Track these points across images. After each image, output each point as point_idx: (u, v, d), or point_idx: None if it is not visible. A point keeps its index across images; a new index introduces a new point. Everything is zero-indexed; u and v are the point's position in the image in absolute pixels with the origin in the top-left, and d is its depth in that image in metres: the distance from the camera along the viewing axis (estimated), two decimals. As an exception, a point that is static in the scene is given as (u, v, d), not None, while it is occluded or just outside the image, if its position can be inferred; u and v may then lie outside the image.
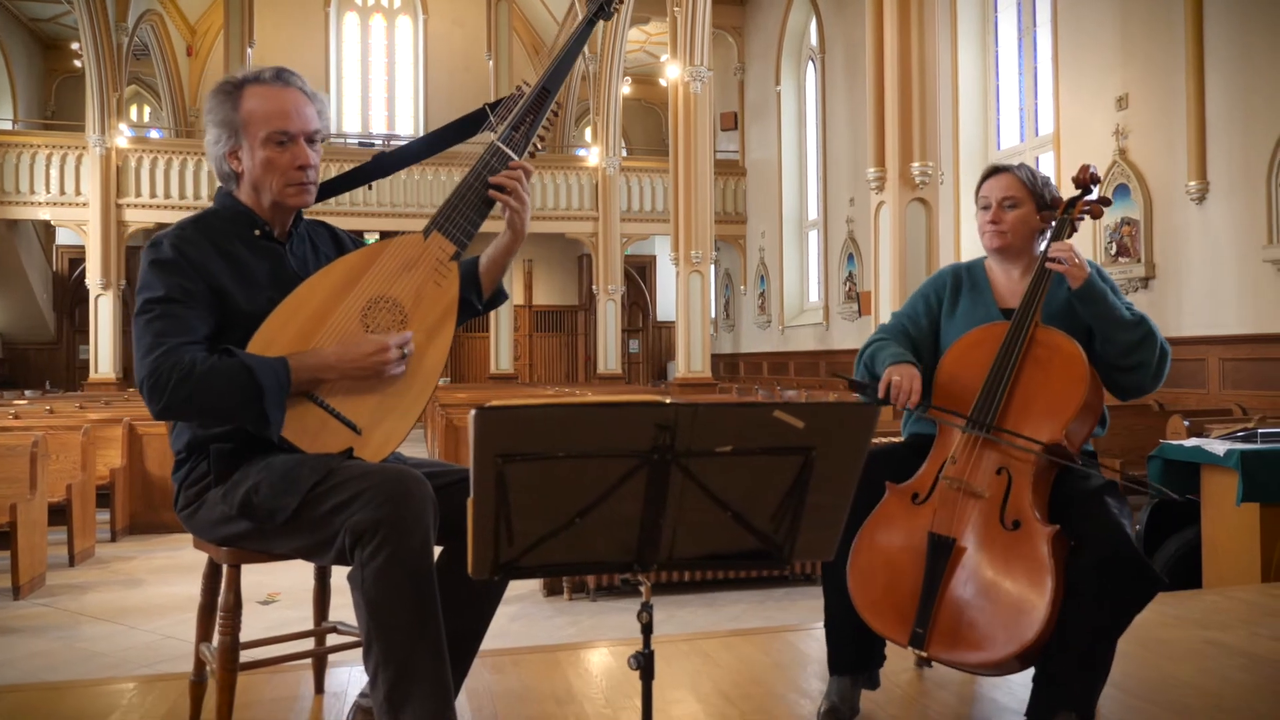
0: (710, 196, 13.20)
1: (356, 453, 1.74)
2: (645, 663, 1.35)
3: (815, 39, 14.32)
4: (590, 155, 16.70)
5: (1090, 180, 2.20)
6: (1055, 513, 1.94)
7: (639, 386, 16.20)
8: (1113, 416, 2.24)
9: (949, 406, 2.06)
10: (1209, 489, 3.79)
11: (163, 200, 14.78)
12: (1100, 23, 8.49)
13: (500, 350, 17.27)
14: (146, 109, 20.00)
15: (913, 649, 1.92)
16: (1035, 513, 1.90)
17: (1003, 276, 2.27)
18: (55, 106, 18.67)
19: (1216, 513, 3.76)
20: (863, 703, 2.15)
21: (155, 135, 17.57)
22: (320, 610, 2.25)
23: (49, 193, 14.52)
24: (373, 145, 17.50)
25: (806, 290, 15.31)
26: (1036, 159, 9.91)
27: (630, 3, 14.55)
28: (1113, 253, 8.24)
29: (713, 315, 15.42)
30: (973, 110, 10.70)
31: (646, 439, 1.24)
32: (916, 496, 2.02)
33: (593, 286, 16.73)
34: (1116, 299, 2.08)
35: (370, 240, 1.95)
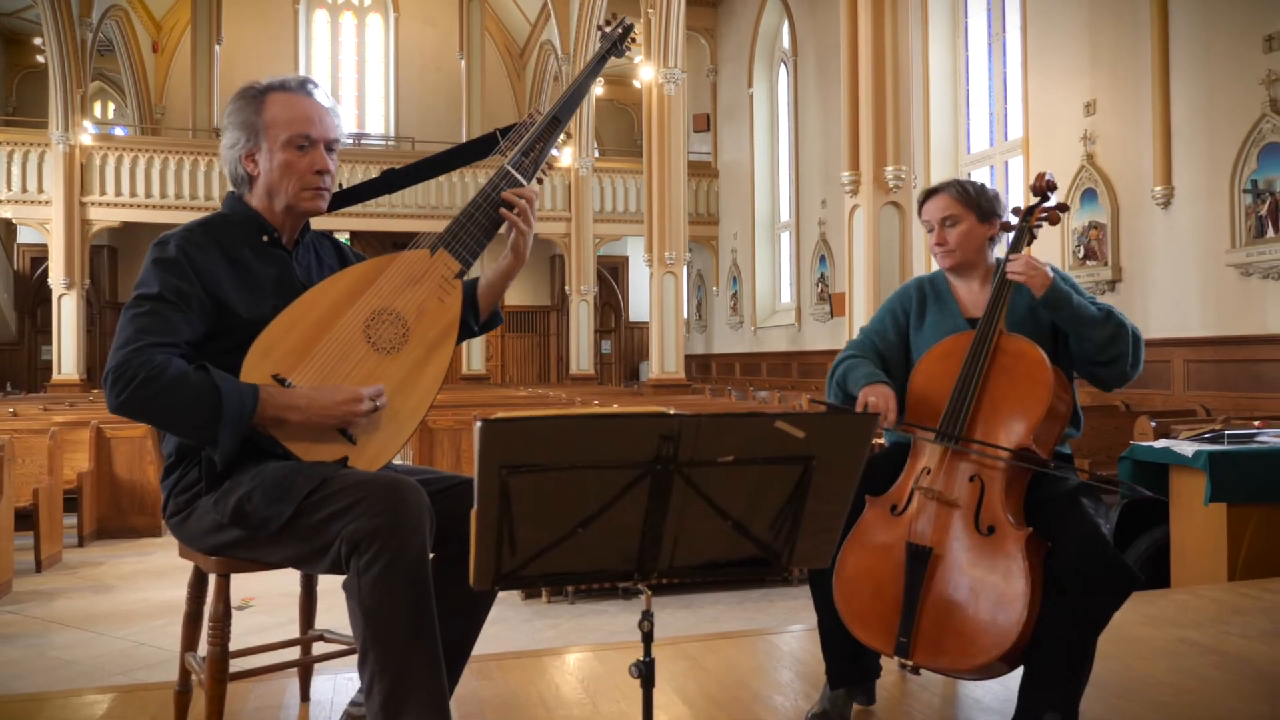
0: (684, 198, 13.23)
1: (351, 462, 1.73)
2: (646, 671, 1.37)
3: (788, 41, 14.40)
4: (563, 156, 16.66)
5: (1047, 187, 2.25)
6: (1032, 515, 1.98)
7: (611, 387, 16.19)
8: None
9: (921, 418, 2.10)
10: (1178, 489, 3.87)
11: (128, 199, 14.51)
12: (1068, 29, 8.62)
13: (473, 350, 17.22)
14: (111, 106, 19.64)
15: (898, 658, 1.95)
16: (1009, 517, 1.94)
17: (963, 289, 2.32)
18: (17, 103, 18.29)
19: (1185, 513, 3.84)
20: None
21: (121, 133, 17.27)
22: (306, 618, 2.23)
23: (10, 190, 14.22)
24: (344, 144, 17.31)
25: (779, 291, 15.40)
26: (1006, 163, 10.05)
27: (604, 4, 14.55)
28: (1080, 256, 8.38)
29: (685, 316, 15.46)
30: (943, 115, 10.81)
31: (650, 449, 1.25)
32: (895, 508, 2.06)
33: (565, 287, 16.71)
34: (1081, 297, 2.12)
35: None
